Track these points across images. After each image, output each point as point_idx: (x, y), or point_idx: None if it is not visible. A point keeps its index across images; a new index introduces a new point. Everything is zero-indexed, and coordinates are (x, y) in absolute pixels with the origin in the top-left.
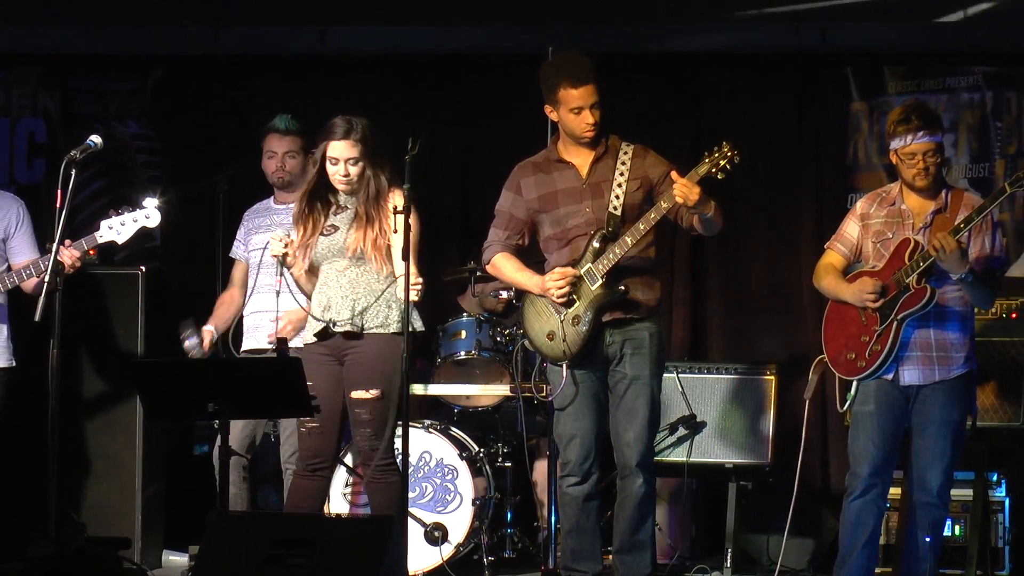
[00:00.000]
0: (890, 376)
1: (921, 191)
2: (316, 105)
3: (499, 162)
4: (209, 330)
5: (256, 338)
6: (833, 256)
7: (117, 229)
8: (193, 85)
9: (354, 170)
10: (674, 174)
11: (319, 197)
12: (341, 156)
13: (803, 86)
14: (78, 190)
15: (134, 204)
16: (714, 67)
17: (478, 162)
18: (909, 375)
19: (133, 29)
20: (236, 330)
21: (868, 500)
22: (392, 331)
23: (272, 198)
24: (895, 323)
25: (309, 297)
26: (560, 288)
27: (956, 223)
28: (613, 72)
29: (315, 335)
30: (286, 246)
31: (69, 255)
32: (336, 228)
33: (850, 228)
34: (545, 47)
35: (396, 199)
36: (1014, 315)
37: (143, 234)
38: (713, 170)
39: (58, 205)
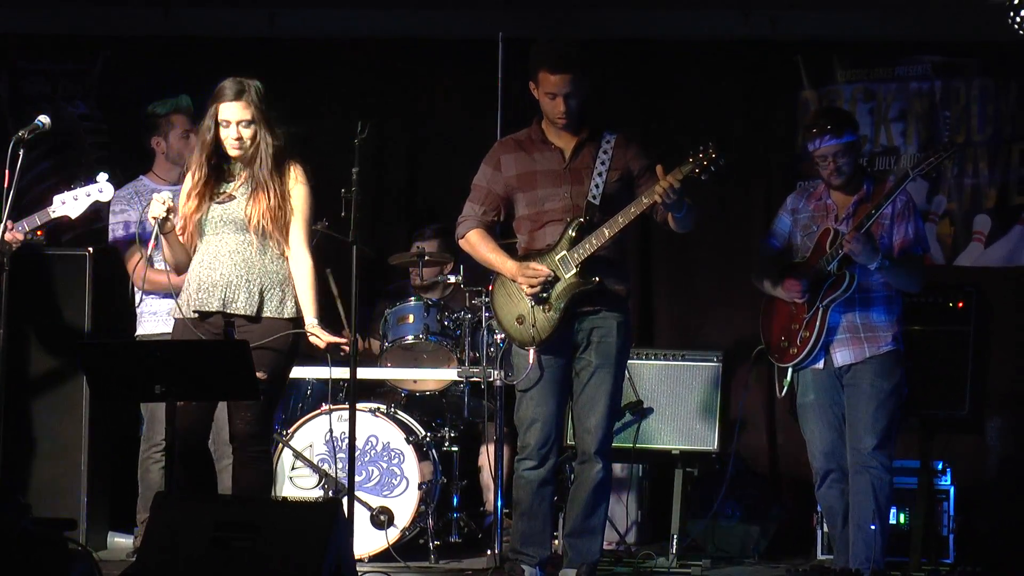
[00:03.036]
0: (821, 364)
1: (840, 187)
2: (265, 88)
3: (447, 146)
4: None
5: (156, 323)
6: (767, 251)
7: (70, 204)
8: (142, 66)
9: (247, 132)
10: (659, 170)
11: (213, 163)
12: (232, 118)
13: (753, 74)
14: (26, 170)
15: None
16: (663, 54)
17: (426, 146)
18: (841, 356)
19: (82, 10)
20: (130, 315)
21: (828, 486)
22: (287, 316)
23: (144, 178)
24: (820, 309)
25: (175, 267)
26: (532, 288)
27: (868, 210)
28: None
29: (198, 313)
30: (168, 210)
31: (12, 235)
32: (232, 197)
33: (781, 222)
34: (495, 31)
35: (295, 172)
36: (960, 304)
37: (95, 209)
38: (696, 171)
39: (5, 185)
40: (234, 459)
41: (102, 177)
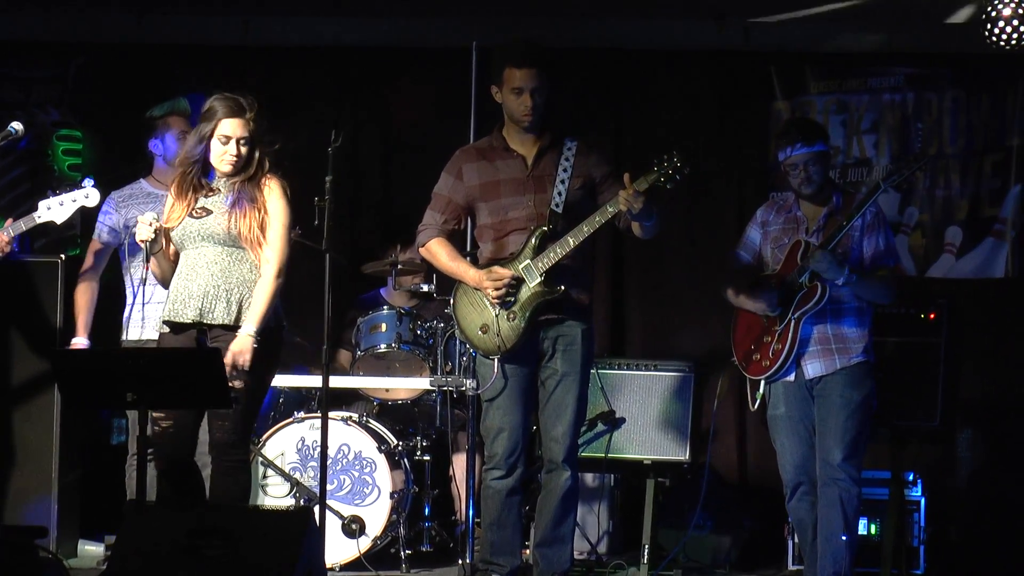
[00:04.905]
0: (792, 376)
1: (809, 198)
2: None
3: (421, 155)
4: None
5: (145, 329)
6: (738, 263)
7: (56, 209)
8: (115, 73)
9: (244, 150)
10: (626, 178)
11: (195, 178)
12: (234, 135)
13: (726, 84)
14: None
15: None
16: (637, 63)
17: (400, 155)
18: (812, 368)
19: (55, 15)
20: (114, 321)
21: (798, 499)
22: (268, 325)
23: (143, 181)
24: (792, 322)
25: (163, 282)
26: (498, 291)
27: (839, 223)
28: None
29: (174, 325)
30: (156, 231)
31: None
32: (208, 211)
33: (752, 234)
34: (469, 40)
35: (274, 186)
36: (932, 316)
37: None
38: (662, 179)
39: None
40: (212, 467)
41: (88, 183)
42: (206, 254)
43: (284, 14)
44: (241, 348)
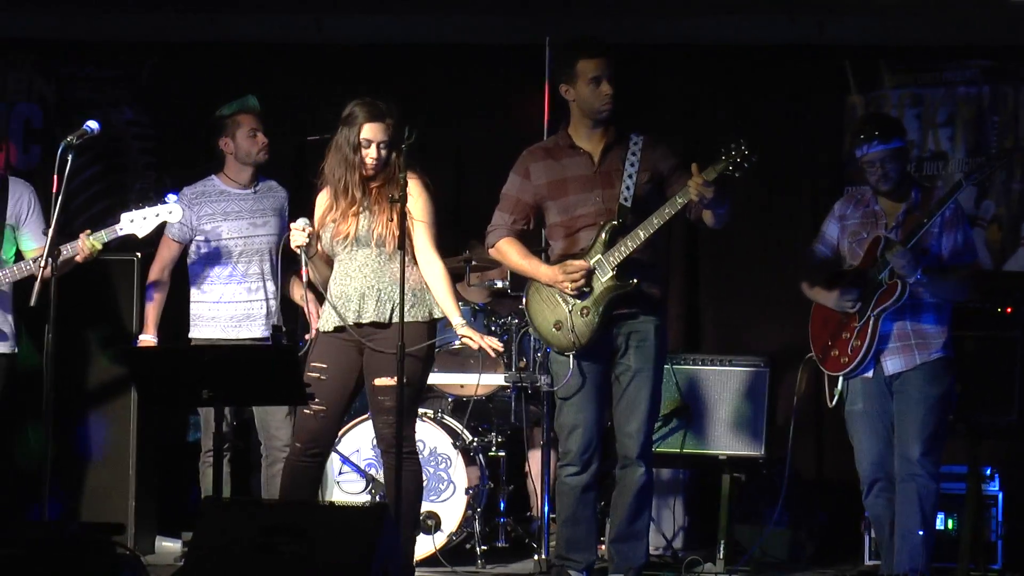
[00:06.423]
0: (871, 373)
1: (887, 194)
2: (310, 93)
3: (493, 152)
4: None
5: (213, 328)
6: (816, 258)
7: (139, 223)
8: (188, 72)
9: (384, 153)
10: (694, 168)
11: (359, 179)
12: (375, 138)
13: (800, 79)
14: (73, 176)
15: (129, 190)
16: (710, 59)
17: (472, 152)
18: (892, 364)
19: (129, 16)
20: (181, 318)
21: (875, 495)
22: (421, 320)
23: (215, 178)
24: (872, 319)
25: (323, 284)
26: (576, 282)
27: (919, 220)
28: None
29: (335, 327)
30: (308, 235)
31: (90, 246)
32: (356, 215)
33: (830, 229)
34: (542, 37)
35: (413, 183)
36: (1009, 309)
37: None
38: (730, 167)
39: (54, 191)
40: (384, 464)
41: (171, 198)
42: (357, 256)
43: (356, 12)
44: (471, 335)
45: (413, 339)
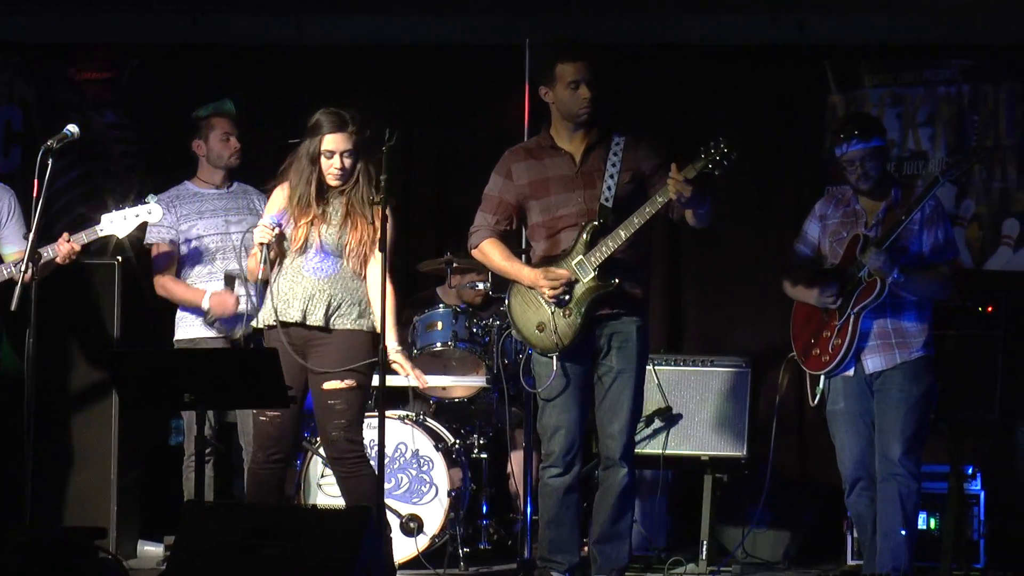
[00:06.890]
0: (852, 371)
1: (868, 193)
2: (292, 95)
3: (475, 153)
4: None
5: (198, 327)
6: (797, 257)
7: (119, 224)
8: (170, 75)
9: (348, 163)
10: (673, 167)
11: (315, 191)
12: (337, 148)
13: (780, 79)
14: (54, 179)
15: (110, 193)
16: (690, 59)
17: (454, 153)
18: (872, 363)
19: (110, 18)
20: (166, 320)
21: (857, 494)
22: (366, 329)
23: (188, 183)
24: (852, 316)
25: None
26: (555, 290)
27: (897, 217)
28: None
29: (270, 325)
30: (276, 235)
31: (68, 248)
32: (320, 223)
33: (811, 229)
34: (522, 38)
35: (380, 206)
36: (990, 308)
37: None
38: (709, 165)
39: (35, 195)
40: (337, 470)
41: (151, 199)
42: (312, 261)
43: (337, 14)
44: (402, 363)
45: (360, 344)
